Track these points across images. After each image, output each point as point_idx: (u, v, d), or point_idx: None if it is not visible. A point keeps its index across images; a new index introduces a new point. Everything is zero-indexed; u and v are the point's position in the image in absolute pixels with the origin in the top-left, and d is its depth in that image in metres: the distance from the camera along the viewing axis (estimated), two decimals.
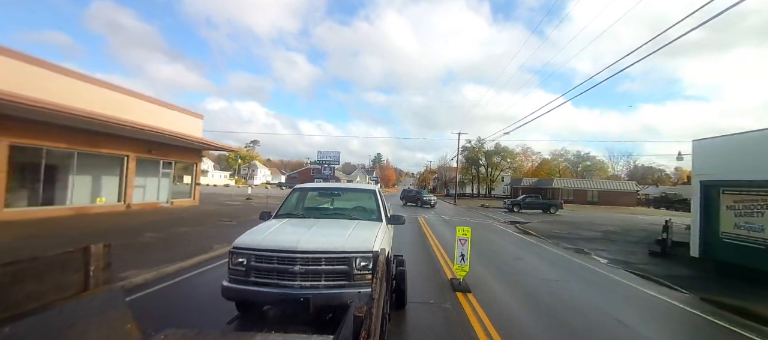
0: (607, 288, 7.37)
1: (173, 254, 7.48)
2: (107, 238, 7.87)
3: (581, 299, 6.36)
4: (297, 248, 3.61)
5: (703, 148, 10.44)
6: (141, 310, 4.22)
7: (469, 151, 59.42)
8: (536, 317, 5.18)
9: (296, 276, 3.56)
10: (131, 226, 11.03)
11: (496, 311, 5.19)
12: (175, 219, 13.22)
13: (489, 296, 5.90)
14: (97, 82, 13.77)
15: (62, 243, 7.60)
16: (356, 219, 4.99)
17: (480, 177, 62.65)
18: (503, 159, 60.55)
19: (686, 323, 5.66)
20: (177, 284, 5.89)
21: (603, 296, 6.76)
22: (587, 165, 68.99)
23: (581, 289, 7.06)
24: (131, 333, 2.42)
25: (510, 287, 6.70)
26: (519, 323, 4.88)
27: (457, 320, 4.82)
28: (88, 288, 2.32)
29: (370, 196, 5.73)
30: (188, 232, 10.59)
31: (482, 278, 7.05)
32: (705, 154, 10.36)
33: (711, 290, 7.29)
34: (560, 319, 5.14)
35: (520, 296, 6.20)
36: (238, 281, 3.69)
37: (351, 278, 3.63)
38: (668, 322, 5.61)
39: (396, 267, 4.78)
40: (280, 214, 5.17)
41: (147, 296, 5.22)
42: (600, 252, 11.54)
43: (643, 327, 5.10)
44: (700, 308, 6.21)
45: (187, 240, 9.21)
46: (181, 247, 8.31)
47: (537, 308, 5.59)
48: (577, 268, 9.20)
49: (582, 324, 5.04)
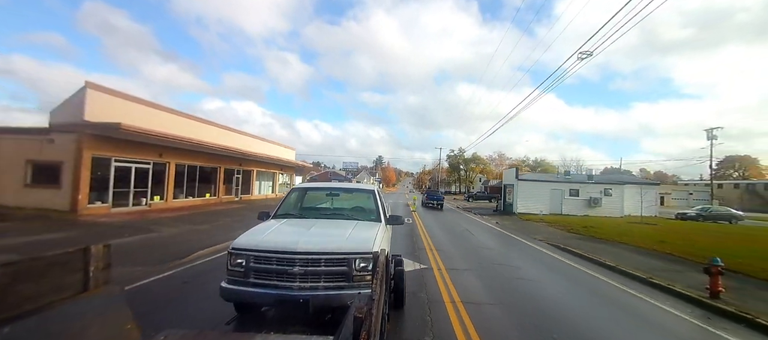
0: (472, 222, 22.73)
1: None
2: (228, 214, 24.19)
3: (458, 224, 21.92)
4: (296, 249, 3.61)
5: (510, 174, 27.15)
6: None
7: (452, 159, 76.10)
8: (440, 228, 21.09)
9: (295, 277, 3.56)
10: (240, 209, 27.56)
11: (427, 225, 21.38)
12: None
13: (427, 222, 22.17)
14: (233, 130, 28.32)
15: (207, 214, 24.11)
16: (355, 219, 5.01)
17: (461, 179, 79.39)
18: (477, 165, 77.25)
19: (490, 229, 21.95)
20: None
21: (467, 222, 22.20)
22: (541, 169, 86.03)
23: (461, 222, 22.98)
24: (131, 333, 2.40)
25: (436, 220, 22.86)
26: (432, 229, 20.86)
27: (413, 223, 21.17)
28: (88, 288, 2.29)
29: (369, 196, 5.77)
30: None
31: (426, 218, 23.33)
32: (509, 177, 27.07)
33: (503, 219, 23.70)
34: (449, 228, 20.84)
35: (439, 224, 22.39)
36: (237, 282, 3.68)
37: (350, 279, 3.63)
38: (483, 229, 21.65)
39: (394, 267, 4.81)
40: (278, 214, 5.15)
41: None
42: (480, 212, 27.89)
43: (476, 231, 21.19)
44: (494, 223, 22.46)
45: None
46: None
47: (440, 225, 21.72)
48: (464, 217, 25.20)
49: (456, 231, 21.01)
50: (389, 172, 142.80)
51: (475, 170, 76.93)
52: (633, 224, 20.25)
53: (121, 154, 15.16)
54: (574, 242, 13.34)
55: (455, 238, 14.03)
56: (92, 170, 13.87)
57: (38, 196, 13.69)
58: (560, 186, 26.02)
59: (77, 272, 2.29)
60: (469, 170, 75.65)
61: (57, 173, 13.66)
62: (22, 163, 14.05)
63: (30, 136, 14.33)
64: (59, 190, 13.54)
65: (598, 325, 5.33)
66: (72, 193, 13.34)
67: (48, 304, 2.04)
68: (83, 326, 2.17)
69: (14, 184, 13.97)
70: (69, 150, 13.51)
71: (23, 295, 1.94)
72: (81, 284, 2.29)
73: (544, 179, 26.91)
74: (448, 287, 6.56)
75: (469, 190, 78.63)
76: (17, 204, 13.54)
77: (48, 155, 13.81)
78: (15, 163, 14.06)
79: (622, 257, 10.51)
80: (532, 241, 13.92)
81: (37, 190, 13.88)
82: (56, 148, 13.71)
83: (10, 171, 14.07)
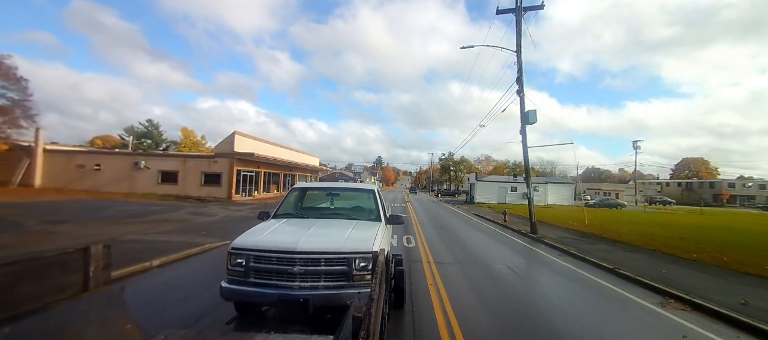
0: (442, 206, 35.50)
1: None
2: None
3: (432, 207, 34.69)
4: (296, 249, 3.62)
5: (472, 177, 39.89)
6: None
7: (443, 161, 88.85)
8: (421, 209, 33.61)
9: (295, 277, 3.57)
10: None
11: (414, 207, 33.94)
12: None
13: (414, 206, 34.69)
14: (285, 147, 41.66)
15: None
16: (355, 219, 5.03)
17: (451, 179, 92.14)
18: (465, 167, 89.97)
19: (448, 209, 34.51)
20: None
21: (438, 206, 34.83)
22: (519, 170, 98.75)
23: (436, 206, 35.57)
24: (131, 333, 2.41)
25: (420, 205, 35.35)
26: (416, 209, 33.34)
27: (406, 206, 33.80)
28: (88, 288, 2.28)
29: (369, 196, 5.85)
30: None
31: (414, 204, 35.85)
32: (472, 178, 39.83)
33: (468, 206, 36.35)
34: (426, 209, 33.63)
35: (422, 207, 34.92)
36: (237, 282, 3.70)
37: (350, 279, 3.64)
38: (445, 209, 34.20)
39: (394, 267, 4.85)
40: (278, 214, 5.18)
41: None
42: (452, 202, 40.54)
43: (441, 210, 33.76)
44: (456, 207, 35.15)
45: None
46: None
47: (422, 208, 34.29)
48: (439, 204, 37.82)
49: (430, 210, 33.64)
50: (388, 171, 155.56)
51: (463, 170, 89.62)
52: (540, 209, 32.81)
53: (245, 168, 27.82)
54: (490, 214, 25.94)
55: (427, 212, 26.59)
56: (235, 176, 26.54)
57: (208, 191, 26.24)
58: (504, 185, 38.40)
59: (77, 271, 2.27)
60: (458, 170, 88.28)
61: (219, 178, 26.27)
62: (200, 173, 26.64)
63: (203, 159, 26.98)
64: (220, 187, 26.14)
65: (480, 241, 17.90)
66: (228, 189, 25.96)
67: (48, 304, 2.03)
68: (83, 326, 2.15)
69: (196, 184, 26.57)
70: (225, 166, 26.14)
71: (23, 295, 1.93)
72: (81, 284, 2.27)
73: (494, 180, 39.27)
74: (416, 226, 19.13)
75: (458, 187, 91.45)
76: (197, 195, 26.08)
77: (213, 169, 26.40)
78: (196, 173, 26.67)
79: (502, 217, 23.12)
80: (467, 213, 26.57)
81: (207, 187, 26.44)
82: (218, 166, 26.32)
83: (194, 178, 26.68)
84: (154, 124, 56.00)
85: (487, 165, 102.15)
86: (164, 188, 26.35)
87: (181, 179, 26.70)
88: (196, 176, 26.71)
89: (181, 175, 26.77)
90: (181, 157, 28.65)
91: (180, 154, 32.51)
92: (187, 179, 26.72)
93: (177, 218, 14.12)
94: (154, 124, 56.08)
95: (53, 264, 2.16)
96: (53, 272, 2.14)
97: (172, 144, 56.76)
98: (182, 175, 26.76)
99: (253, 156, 26.04)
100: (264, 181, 32.43)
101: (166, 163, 27.50)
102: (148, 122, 55.85)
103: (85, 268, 2.34)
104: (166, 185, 26.55)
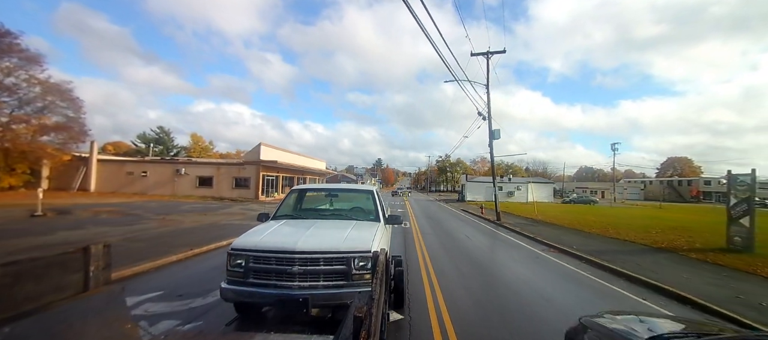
0: (434, 203, 40.90)
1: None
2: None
3: (426, 205, 40.14)
4: (295, 249, 3.66)
5: (463, 178, 45.07)
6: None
7: (441, 163, 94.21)
8: (418, 207, 38.93)
9: (295, 277, 3.61)
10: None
11: (412, 205, 39.05)
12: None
13: (411, 204, 39.79)
14: (298, 153, 46.93)
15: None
16: (354, 220, 5.08)
17: (448, 179, 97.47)
18: (460, 168, 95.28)
19: (440, 205, 39.69)
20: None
21: (431, 203, 40.18)
22: (511, 171, 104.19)
23: (429, 204, 40.88)
24: (131, 333, 2.44)
25: (417, 203, 40.51)
26: (414, 206, 38.58)
27: (404, 202, 38.87)
28: (88, 288, 2.33)
29: (368, 196, 5.90)
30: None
31: (411, 202, 41.00)
32: (463, 179, 45.04)
33: (458, 203, 41.51)
34: (421, 206, 38.96)
35: (418, 205, 40.07)
36: (236, 283, 3.74)
37: (349, 278, 3.68)
38: (437, 205, 39.44)
39: (394, 267, 4.92)
40: (278, 215, 5.24)
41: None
42: (445, 201, 45.65)
43: (433, 207, 38.98)
44: (447, 204, 40.24)
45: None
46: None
47: (418, 205, 39.48)
48: (432, 202, 43.02)
49: (424, 207, 39.01)
50: (388, 173, 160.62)
51: (458, 172, 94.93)
52: (516, 204, 37.89)
53: (268, 173, 32.96)
54: (474, 209, 31.03)
55: (422, 208, 31.72)
56: (261, 180, 31.68)
57: (238, 193, 31.33)
58: (491, 184, 43.44)
59: (77, 271, 2.31)
60: (455, 172, 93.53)
61: (247, 182, 31.41)
62: (231, 178, 31.77)
63: (234, 166, 32.17)
64: (249, 189, 31.28)
65: (456, 225, 23.01)
66: (255, 190, 31.09)
67: (48, 304, 2.07)
68: (83, 326, 2.16)
69: (228, 187, 31.68)
70: (252, 172, 31.27)
71: (23, 295, 1.96)
72: (81, 284, 2.32)
73: (482, 180, 44.41)
74: (411, 216, 24.26)
75: (454, 187, 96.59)
76: (229, 196, 31.16)
77: (242, 174, 31.56)
78: (228, 178, 31.81)
79: (479, 211, 28.21)
80: (455, 209, 31.70)
81: (237, 190, 31.54)
82: (246, 171, 31.47)
83: (226, 182, 31.80)
84: (165, 131, 60.92)
85: (483, 165, 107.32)
86: (201, 191, 31.48)
87: (215, 183, 31.86)
88: (228, 181, 31.84)
89: (216, 179, 31.92)
90: (215, 164, 33.86)
91: (214, 161, 37.94)
92: (221, 183, 31.86)
93: (236, 212, 19.20)
94: (166, 131, 60.99)
95: (53, 264, 2.18)
96: (53, 272, 2.18)
97: (182, 150, 61.68)
98: (216, 179, 31.92)
99: (276, 163, 31.25)
100: (282, 183, 37.55)
101: (203, 169, 32.68)
102: (159, 129, 60.82)
103: (86, 268, 2.39)
104: (203, 189, 31.69)
